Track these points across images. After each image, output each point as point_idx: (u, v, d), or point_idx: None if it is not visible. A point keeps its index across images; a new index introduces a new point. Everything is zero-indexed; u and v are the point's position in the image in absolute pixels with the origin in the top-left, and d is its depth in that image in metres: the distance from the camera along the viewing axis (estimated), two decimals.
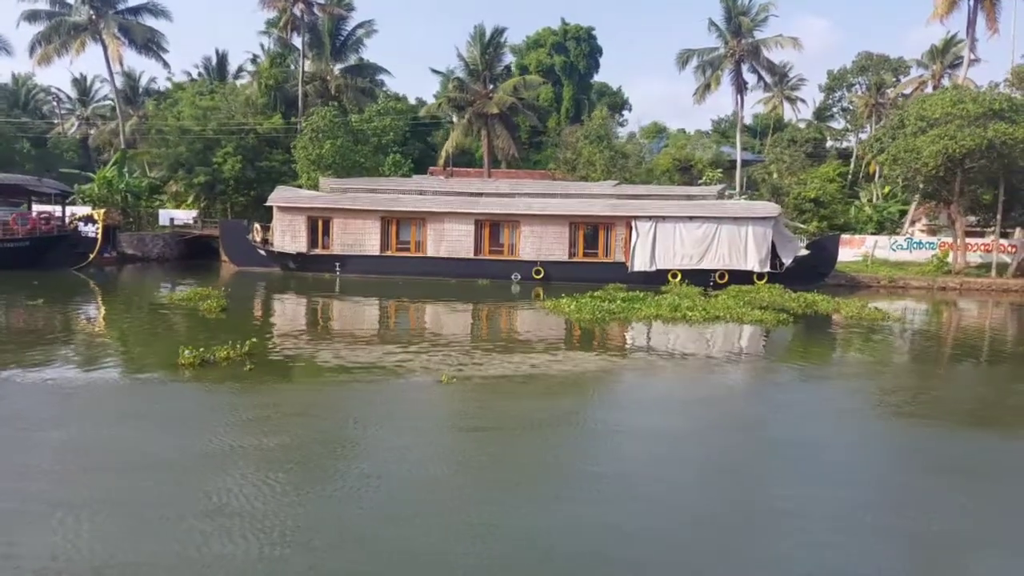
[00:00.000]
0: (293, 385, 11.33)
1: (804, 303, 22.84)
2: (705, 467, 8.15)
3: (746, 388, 12.85)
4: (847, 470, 8.17)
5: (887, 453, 9.15)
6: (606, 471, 7.72)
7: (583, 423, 9.78)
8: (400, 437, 8.58)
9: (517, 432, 9.07)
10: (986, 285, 31.15)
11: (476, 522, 6.33)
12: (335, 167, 33.28)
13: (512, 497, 6.95)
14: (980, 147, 27.23)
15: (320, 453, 7.90)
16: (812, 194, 37.51)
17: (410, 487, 7.06)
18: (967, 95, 28.43)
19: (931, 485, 7.83)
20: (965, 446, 9.35)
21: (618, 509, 6.71)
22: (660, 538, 6.27)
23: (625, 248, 28.61)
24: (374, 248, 28.95)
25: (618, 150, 34.55)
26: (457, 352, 14.30)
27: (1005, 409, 11.63)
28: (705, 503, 7.07)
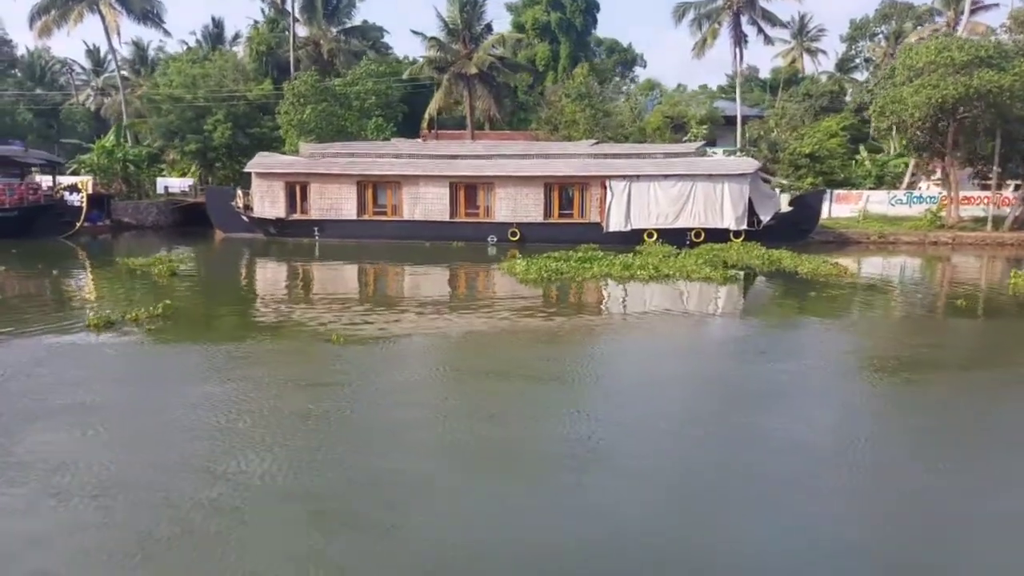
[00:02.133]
0: (174, 346, 11.46)
1: (768, 260, 22.66)
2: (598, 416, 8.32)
3: (628, 343, 12.88)
4: (691, 407, 8.27)
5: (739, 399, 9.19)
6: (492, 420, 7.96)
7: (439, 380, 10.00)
8: (237, 394, 8.80)
9: (375, 389, 9.31)
10: (980, 239, 30.28)
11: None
12: (318, 131, 33.46)
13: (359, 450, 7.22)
14: (966, 96, 26.19)
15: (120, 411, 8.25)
16: (808, 149, 36.49)
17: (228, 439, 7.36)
18: (954, 42, 27.27)
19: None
20: (856, 395, 9.34)
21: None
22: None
23: (600, 208, 28.40)
24: (351, 212, 29.23)
25: (600, 108, 34.00)
26: (363, 311, 14.68)
27: (899, 363, 11.48)
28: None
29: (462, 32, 36.34)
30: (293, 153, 32.80)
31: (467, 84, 36.48)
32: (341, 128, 34.12)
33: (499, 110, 38.24)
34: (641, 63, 70.45)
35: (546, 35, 45.68)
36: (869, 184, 37.94)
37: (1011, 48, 27.16)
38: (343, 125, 34.22)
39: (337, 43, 43.03)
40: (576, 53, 45.83)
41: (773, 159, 38.71)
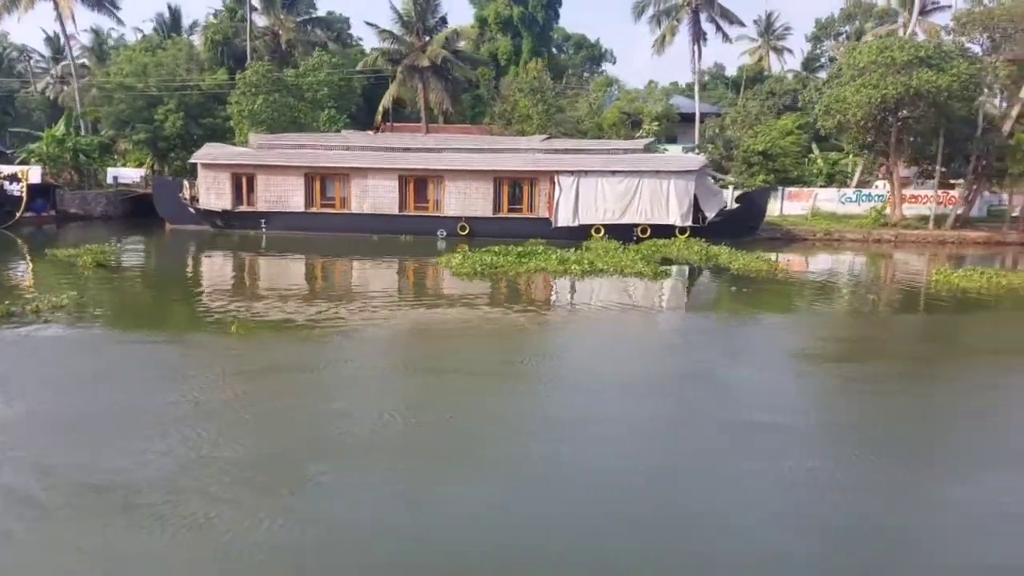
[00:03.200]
0: (61, 337, 11.37)
1: (706, 256, 22.97)
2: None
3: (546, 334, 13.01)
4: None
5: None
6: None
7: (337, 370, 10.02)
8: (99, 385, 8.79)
9: (262, 376, 9.31)
10: (922, 237, 30.91)
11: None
12: (270, 123, 33.15)
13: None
14: (906, 95, 26.67)
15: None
16: (761, 147, 36.92)
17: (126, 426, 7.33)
18: (895, 43, 27.74)
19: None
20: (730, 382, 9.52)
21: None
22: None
23: (549, 203, 28.51)
24: (298, 205, 29.03)
25: (553, 103, 34.08)
26: (284, 303, 14.65)
27: (792, 355, 11.72)
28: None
29: (415, 24, 36.19)
30: (245, 144, 32.48)
31: (421, 77, 36.36)
32: (294, 119, 33.83)
33: (453, 104, 38.17)
34: (610, 59, 70.70)
35: (508, 29, 45.66)
36: (820, 182, 38.53)
37: (951, 49, 27.65)
38: (295, 116, 33.92)
39: (296, 33, 42.58)
40: (538, 48, 45.87)
41: (728, 156, 39.11)
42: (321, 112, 34.51)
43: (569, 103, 38.21)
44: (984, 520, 6.04)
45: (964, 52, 28.54)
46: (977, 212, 36.28)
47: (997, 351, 12.39)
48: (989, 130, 29.80)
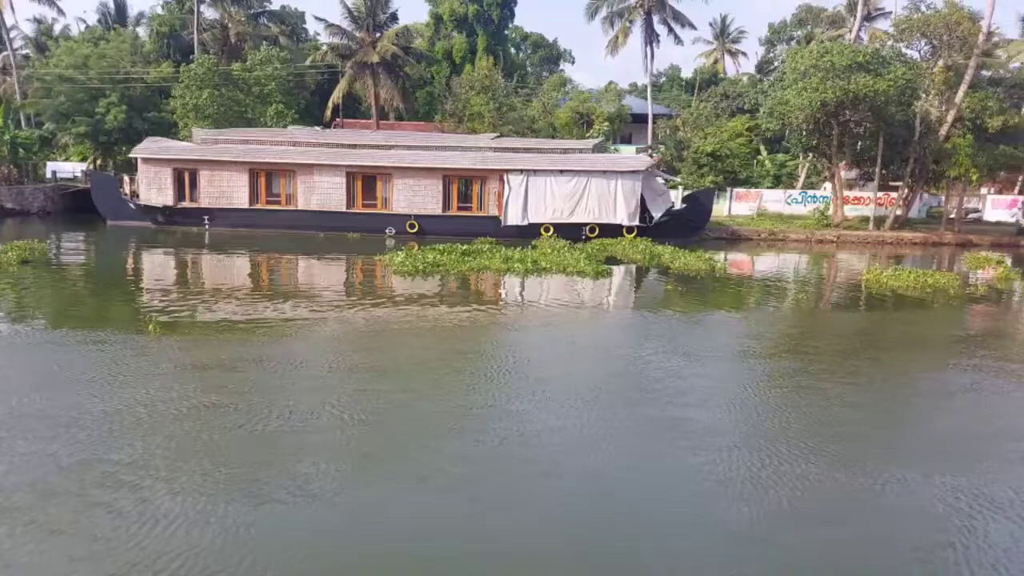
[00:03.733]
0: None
1: (650, 255, 23.23)
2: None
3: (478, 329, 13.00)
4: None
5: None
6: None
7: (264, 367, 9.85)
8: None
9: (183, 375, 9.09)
10: (862, 238, 31.69)
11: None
12: (216, 117, 32.47)
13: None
14: (845, 99, 27.34)
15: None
16: (710, 148, 37.50)
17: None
18: (834, 47, 28.43)
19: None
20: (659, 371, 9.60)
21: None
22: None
23: (498, 202, 28.48)
24: (243, 201, 28.48)
25: (504, 101, 34.10)
26: (207, 301, 14.37)
27: (711, 353, 11.89)
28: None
29: (365, 20, 35.83)
30: (190, 139, 31.76)
31: (371, 73, 36.00)
32: (241, 114, 33.19)
33: (404, 101, 37.90)
34: (569, 59, 71.05)
35: (463, 27, 45.50)
36: (767, 184, 39.29)
37: (889, 55, 28.43)
38: (243, 111, 33.30)
39: (246, 27, 41.79)
40: (493, 46, 45.80)
41: (679, 157, 39.65)
42: (269, 107, 33.92)
43: (523, 102, 38.25)
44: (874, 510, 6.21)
45: (901, 58, 29.38)
46: (917, 214, 37.44)
47: (910, 346, 12.78)
48: (927, 134, 30.71)
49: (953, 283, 18.76)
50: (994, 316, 16.18)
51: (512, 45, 65.76)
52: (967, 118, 30.10)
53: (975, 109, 29.74)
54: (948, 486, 6.76)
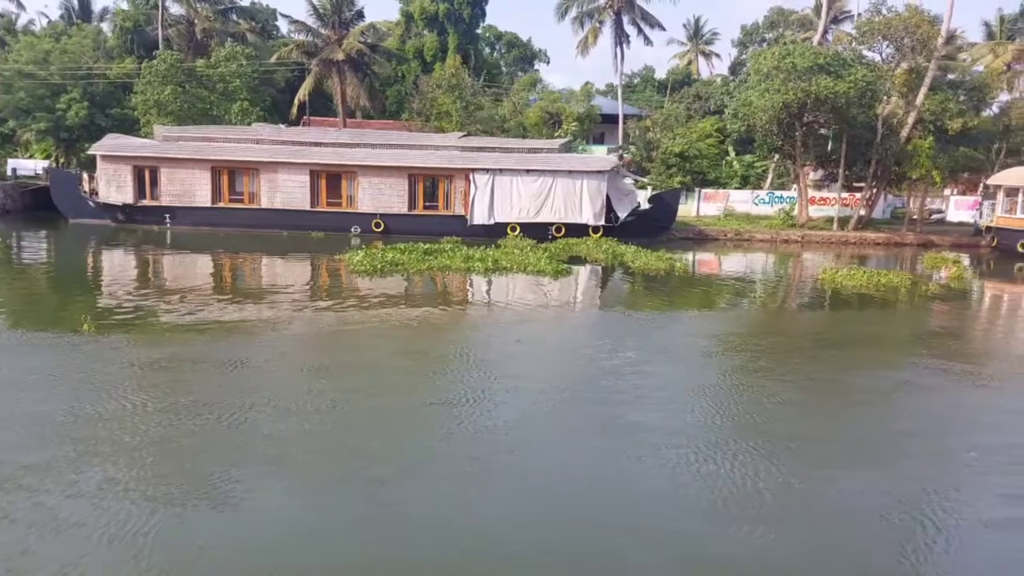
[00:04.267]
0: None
1: (613, 254, 23.30)
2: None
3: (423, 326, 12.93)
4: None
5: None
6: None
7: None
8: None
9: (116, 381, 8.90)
10: (826, 238, 32.02)
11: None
12: (180, 114, 32.00)
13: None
14: (807, 100, 27.62)
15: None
16: (678, 148, 37.70)
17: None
18: (796, 49, 28.72)
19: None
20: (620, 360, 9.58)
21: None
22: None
23: (465, 201, 28.40)
24: (205, 199, 28.09)
25: (472, 100, 33.99)
26: (150, 299, 14.15)
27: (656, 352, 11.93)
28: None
29: (331, 18, 35.51)
30: (152, 136, 31.27)
31: (337, 71, 35.70)
32: (205, 111, 32.74)
33: (370, 99, 37.64)
34: (544, 59, 71.02)
35: (434, 26, 45.30)
36: (735, 184, 39.60)
37: (849, 57, 28.75)
38: (207, 108, 32.84)
39: (213, 23, 41.23)
40: (464, 45, 45.65)
41: (648, 158, 39.81)
42: (233, 104, 33.49)
43: (495, 102, 38.16)
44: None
45: (862, 60, 29.74)
46: (881, 214, 37.97)
47: (852, 344, 12.93)
48: (888, 136, 31.12)
49: (905, 283, 19.02)
50: (939, 315, 16.40)
51: (486, 44, 65.63)
52: (927, 120, 30.56)
53: (935, 111, 30.19)
54: (862, 483, 6.82)
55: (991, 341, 14.51)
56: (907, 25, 28.90)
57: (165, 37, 39.50)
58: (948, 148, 31.15)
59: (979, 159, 31.78)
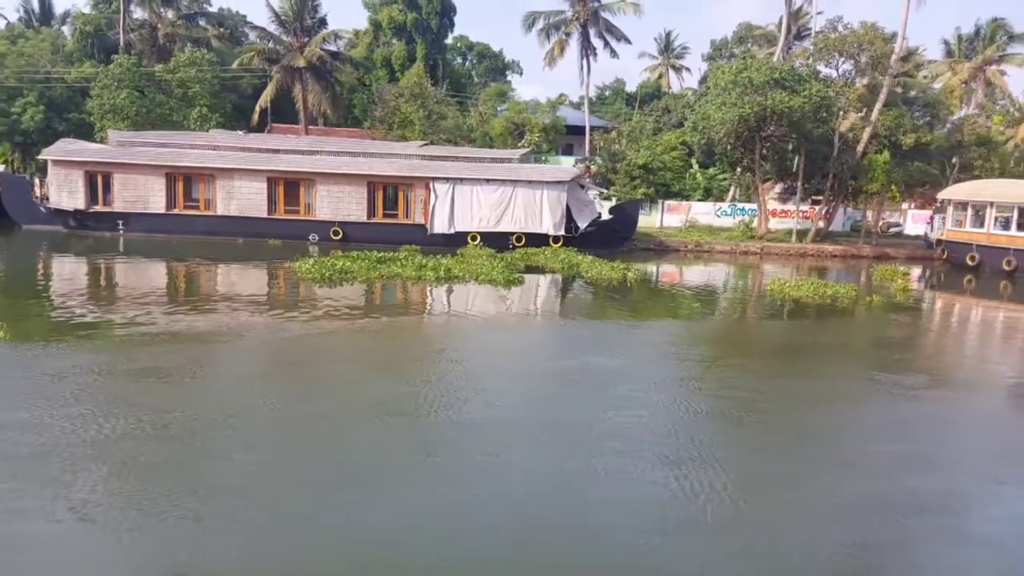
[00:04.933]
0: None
1: (568, 265, 23.34)
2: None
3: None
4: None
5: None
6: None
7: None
8: None
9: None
10: (785, 250, 32.40)
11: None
12: (138, 119, 31.54)
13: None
14: (763, 115, 27.99)
15: None
16: (642, 160, 37.99)
17: None
18: (753, 64, 29.15)
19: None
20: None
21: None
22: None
23: (425, 210, 28.29)
24: (159, 206, 27.67)
25: (434, 109, 33.97)
26: (77, 307, 13.84)
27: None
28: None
29: (293, 24, 35.34)
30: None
31: (299, 78, 35.48)
32: (164, 117, 32.31)
33: (332, 106, 37.47)
34: (517, 70, 71.39)
35: (402, 35, 45.30)
36: (698, 196, 39.98)
37: (805, 72, 29.23)
38: (166, 114, 32.43)
39: (176, 28, 40.79)
40: (433, 54, 45.70)
41: (613, 169, 40.05)
42: (192, 110, 33.12)
43: (462, 112, 38.18)
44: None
45: (818, 76, 30.25)
46: (841, 227, 38.56)
47: (783, 353, 13.04)
48: (845, 150, 31.65)
49: (850, 294, 19.25)
50: (875, 326, 16.57)
51: (458, 54, 65.82)
52: (882, 135, 31.12)
53: (890, 127, 30.77)
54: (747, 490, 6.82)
55: (919, 352, 14.61)
56: (861, 42, 29.48)
57: (127, 42, 38.98)
58: (903, 163, 31.75)
59: (933, 174, 32.42)
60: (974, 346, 16.03)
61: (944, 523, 6.49)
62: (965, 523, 6.61)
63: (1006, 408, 10.69)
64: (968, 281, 25.64)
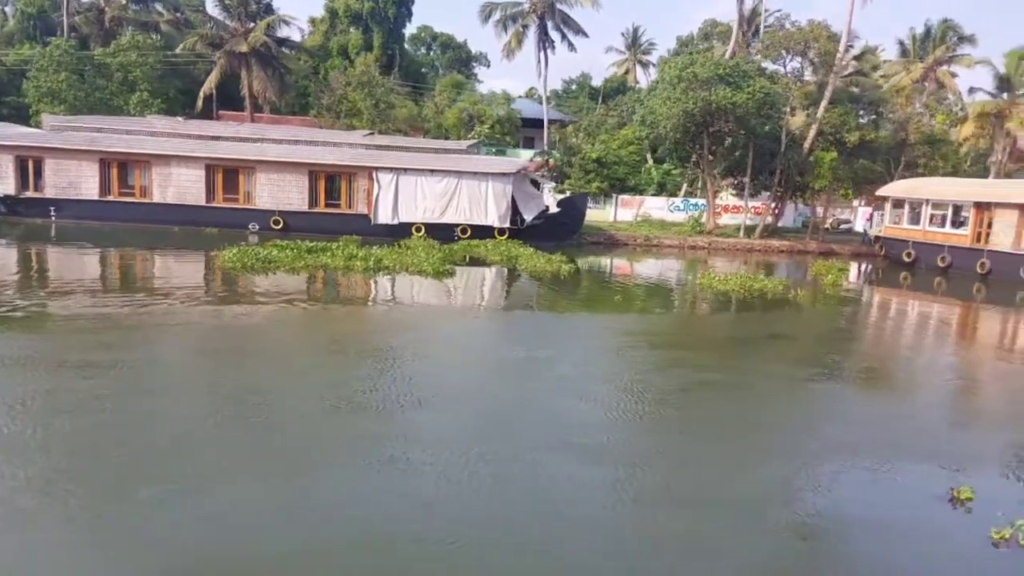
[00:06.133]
0: None
1: (507, 257, 23.20)
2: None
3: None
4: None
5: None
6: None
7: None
8: None
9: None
10: (732, 245, 32.57)
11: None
12: (76, 103, 30.67)
13: None
14: (707, 110, 28.04)
15: None
16: (595, 155, 37.94)
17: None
18: (698, 60, 29.18)
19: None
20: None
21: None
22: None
23: (368, 200, 27.91)
24: (92, 192, 26.95)
25: (382, 99, 33.54)
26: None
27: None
28: None
29: (236, 9, 34.61)
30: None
31: (244, 64, 34.77)
32: (103, 101, 31.46)
33: (278, 93, 36.82)
34: (485, 62, 71.02)
35: (359, 23, 44.68)
36: (652, 191, 40.05)
37: (749, 69, 29.31)
38: (105, 98, 31.57)
39: (123, 11, 39.75)
40: (390, 44, 45.16)
41: (568, 163, 39.96)
42: (132, 94, 32.29)
43: (415, 102, 37.78)
44: None
45: (764, 72, 30.38)
46: (793, 223, 38.95)
47: (686, 345, 13.03)
48: (792, 147, 31.87)
49: (777, 288, 19.33)
50: (788, 319, 16.60)
51: (421, 45, 65.30)
52: (827, 132, 31.39)
53: (835, 124, 31.03)
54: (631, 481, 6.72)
55: (824, 345, 14.39)
56: (807, 39, 29.65)
57: (71, 24, 37.90)
58: (850, 160, 32.07)
59: (878, 171, 32.78)
60: (869, 339, 16.01)
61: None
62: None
63: (852, 393, 10.69)
64: (904, 277, 25.94)
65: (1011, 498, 6.85)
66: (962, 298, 22.34)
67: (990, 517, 6.25)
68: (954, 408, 10.54)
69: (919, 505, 6.67)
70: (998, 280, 24.31)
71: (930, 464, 7.68)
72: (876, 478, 7.18)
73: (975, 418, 10.21)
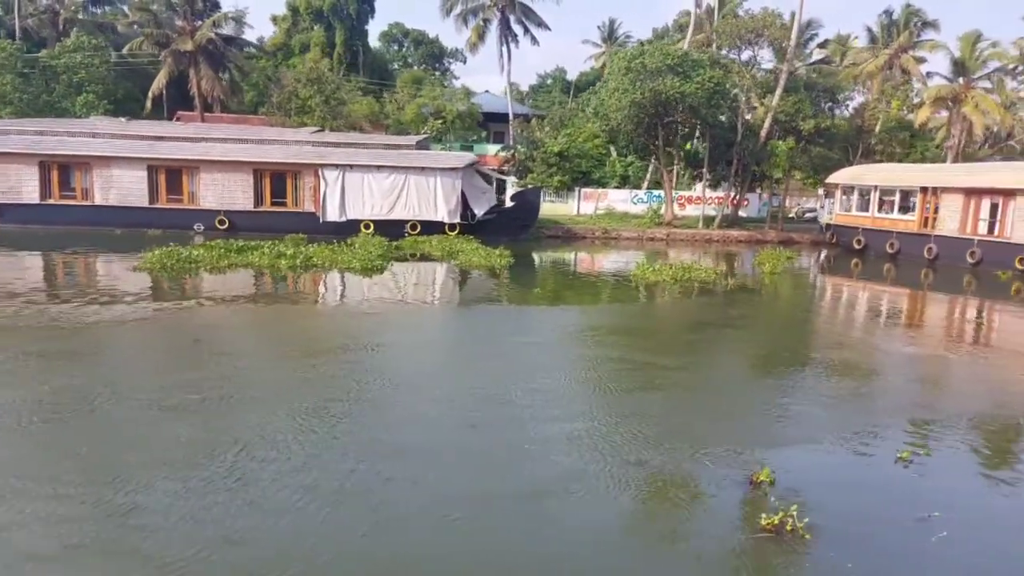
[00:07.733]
0: None
1: (448, 252, 22.93)
2: None
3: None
4: None
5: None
6: None
7: None
8: None
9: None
10: (691, 236, 32.32)
11: None
12: (20, 106, 30.24)
13: None
14: (659, 100, 27.75)
15: None
16: (557, 148, 37.62)
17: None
18: (647, 50, 28.88)
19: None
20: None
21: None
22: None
23: (315, 197, 27.57)
24: (33, 196, 26.54)
25: (332, 96, 33.13)
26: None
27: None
28: None
29: (182, 7, 34.16)
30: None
31: (191, 63, 34.31)
32: (50, 104, 31.03)
33: (227, 92, 36.37)
34: (460, 58, 70.59)
35: (320, 20, 44.26)
36: (615, 183, 39.78)
37: (699, 59, 29.00)
38: (52, 100, 31.13)
39: (75, 13, 39.26)
40: (352, 40, 44.75)
41: (531, 157, 39.64)
42: (77, 96, 31.85)
43: (373, 99, 37.41)
44: None
45: (719, 62, 30.08)
46: (757, 213, 38.66)
47: (600, 335, 12.76)
48: (748, 136, 31.61)
49: (711, 277, 19.07)
50: (713, 308, 16.33)
51: (393, 41, 64.87)
52: (782, 121, 31.13)
53: (789, 112, 30.77)
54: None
55: (730, 336, 13.87)
56: (758, 27, 29.38)
57: (23, 27, 37.40)
58: (808, 149, 31.85)
59: (834, 159, 32.56)
60: (777, 326, 15.64)
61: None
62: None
63: (720, 382, 10.40)
64: (855, 264, 25.71)
65: (813, 481, 6.67)
66: (897, 284, 22.14)
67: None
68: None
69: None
70: (945, 265, 24.10)
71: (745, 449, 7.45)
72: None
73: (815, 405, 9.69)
